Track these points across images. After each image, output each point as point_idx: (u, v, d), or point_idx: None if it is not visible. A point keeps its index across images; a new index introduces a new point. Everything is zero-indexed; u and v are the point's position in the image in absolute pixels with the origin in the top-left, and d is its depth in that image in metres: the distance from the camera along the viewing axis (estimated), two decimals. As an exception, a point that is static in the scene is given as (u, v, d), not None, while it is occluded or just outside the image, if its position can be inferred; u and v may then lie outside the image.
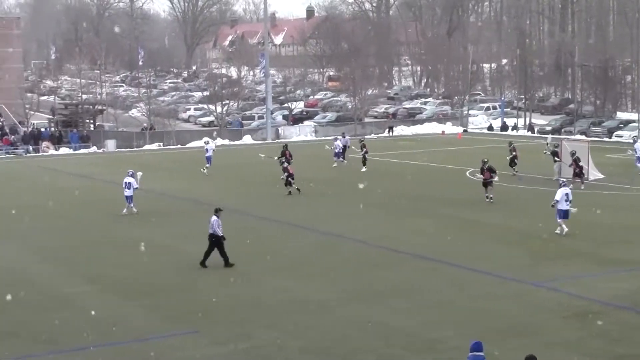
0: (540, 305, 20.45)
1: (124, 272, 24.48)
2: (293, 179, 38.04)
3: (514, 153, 43.73)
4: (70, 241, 29.07)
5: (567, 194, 28.11)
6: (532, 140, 63.61)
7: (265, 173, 44.29)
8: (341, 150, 49.70)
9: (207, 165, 45.77)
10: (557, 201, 28.07)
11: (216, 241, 24.36)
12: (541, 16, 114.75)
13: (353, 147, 51.54)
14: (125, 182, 33.63)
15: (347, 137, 53.80)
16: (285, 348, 17.73)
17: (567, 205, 28.08)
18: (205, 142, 48.28)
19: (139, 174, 35.89)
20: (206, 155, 46.07)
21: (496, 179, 35.25)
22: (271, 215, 33.30)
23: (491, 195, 34.85)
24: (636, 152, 45.30)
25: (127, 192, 33.49)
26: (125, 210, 33.57)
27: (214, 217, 24.52)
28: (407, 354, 17.35)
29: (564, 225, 28.07)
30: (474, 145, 59.46)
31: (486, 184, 34.99)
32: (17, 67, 75.45)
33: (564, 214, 28.10)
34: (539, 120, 77.57)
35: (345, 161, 49.47)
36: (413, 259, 25.56)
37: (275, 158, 40.20)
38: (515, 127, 74.13)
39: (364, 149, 47.32)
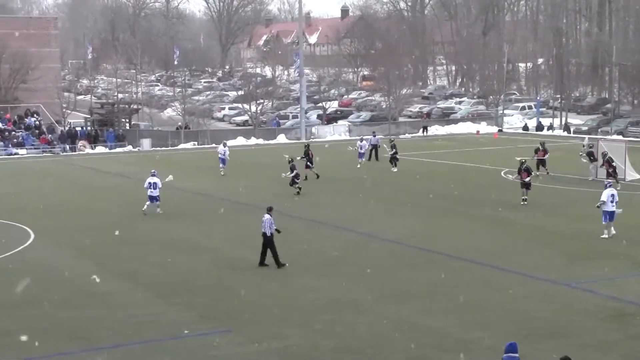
0: (575, 306, 20.30)
1: (158, 270, 24.65)
2: (298, 179, 38.37)
3: (548, 153, 43.50)
4: (105, 239, 29.26)
5: (612, 195, 27.70)
6: (568, 140, 63.07)
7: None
8: (363, 151, 49.48)
9: (222, 166, 45.88)
10: (604, 202, 27.68)
11: (265, 240, 24.48)
12: (578, 15, 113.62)
13: (384, 146, 51.43)
14: (150, 183, 33.77)
15: (377, 137, 53.64)
16: (318, 347, 17.76)
17: (613, 206, 27.74)
18: (223, 144, 48.10)
19: (170, 177, 36.05)
20: (220, 156, 46.27)
21: (528, 179, 34.95)
22: (304, 214, 33.33)
23: (526, 197, 34.56)
24: None
25: (153, 193, 33.65)
26: (158, 210, 33.77)
27: (266, 216, 24.59)
28: (439, 354, 17.30)
29: (612, 229, 27.72)
30: (509, 145, 59.07)
31: (524, 184, 34.71)
32: (54, 66, 76.08)
33: (611, 216, 27.74)
34: (575, 120, 76.87)
35: (362, 161, 49.21)
36: (446, 258, 25.47)
37: (299, 158, 40.23)
38: (550, 127, 73.52)
39: (394, 149, 47.08)
